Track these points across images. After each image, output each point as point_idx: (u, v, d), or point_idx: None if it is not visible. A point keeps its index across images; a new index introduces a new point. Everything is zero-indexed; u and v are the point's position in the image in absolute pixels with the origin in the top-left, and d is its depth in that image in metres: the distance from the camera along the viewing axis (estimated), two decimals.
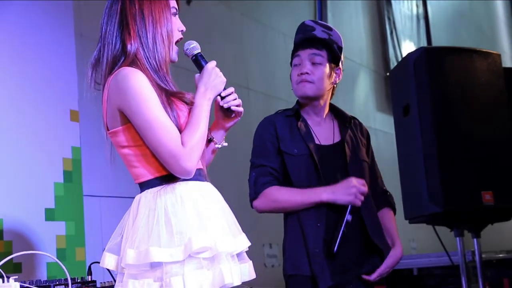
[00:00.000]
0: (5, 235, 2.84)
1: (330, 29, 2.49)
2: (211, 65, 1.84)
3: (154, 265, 1.67)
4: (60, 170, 3.15)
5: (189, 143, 1.70)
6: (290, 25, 5.82)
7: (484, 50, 2.69)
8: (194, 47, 1.88)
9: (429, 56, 2.57)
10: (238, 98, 1.90)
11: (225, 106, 1.87)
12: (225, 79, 1.85)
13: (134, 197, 1.80)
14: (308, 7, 6.29)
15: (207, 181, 1.84)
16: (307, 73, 2.40)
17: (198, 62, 1.87)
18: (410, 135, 2.63)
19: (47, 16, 3.23)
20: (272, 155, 2.38)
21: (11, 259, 1.99)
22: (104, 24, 1.85)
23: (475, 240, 2.74)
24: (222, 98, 1.87)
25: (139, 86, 1.70)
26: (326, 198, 2.28)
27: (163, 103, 1.73)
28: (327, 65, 2.44)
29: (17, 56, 3.07)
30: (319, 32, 2.46)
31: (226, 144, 1.94)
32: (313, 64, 2.42)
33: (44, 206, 3.04)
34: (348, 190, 2.26)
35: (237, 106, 1.88)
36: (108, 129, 1.80)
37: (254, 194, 2.38)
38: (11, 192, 2.91)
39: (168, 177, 1.74)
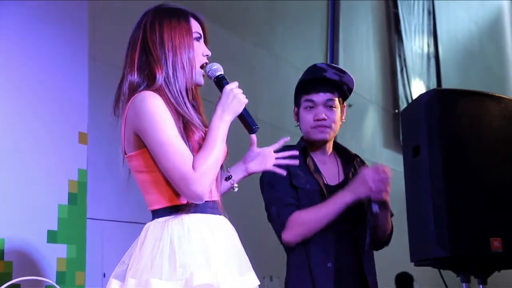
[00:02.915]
0: (6, 255, 2.82)
1: (343, 72, 2.50)
2: (230, 86, 1.81)
3: None
4: (65, 192, 3.13)
5: (201, 167, 1.67)
6: (302, 57, 5.86)
7: (497, 94, 2.67)
8: (215, 69, 1.86)
9: (441, 98, 2.55)
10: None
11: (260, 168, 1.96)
12: (245, 100, 1.81)
13: (137, 222, 1.80)
14: (320, 41, 6.33)
15: (221, 214, 1.81)
16: (324, 119, 2.41)
17: (220, 84, 1.84)
18: (419, 176, 2.60)
19: (62, 38, 3.26)
20: (287, 188, 2.37)
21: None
22: (126, 51, 1.85)
23: (481, 286, 2.69)
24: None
25: (154, 108, 1.70)
26: (351, 199, 2.27)
27: (180, 129, 1.71)
28: (339, 106, 2.47)
29: (30, 76, 3.09)
30: (330, 74, 2.46)
31: (236, 189, 1.91)
32: (327, 108, 2.43)
33: (47, 228, 3.02)
34: (365, 183, 2.26)
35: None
36: (125, 153, 1.79)
37: (281, 225, 2.32)
38: (15, 212, 2.89)
39: (179, 207, 1.72)
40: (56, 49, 3.22)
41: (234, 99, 1.79)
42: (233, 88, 1.81)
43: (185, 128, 1.73)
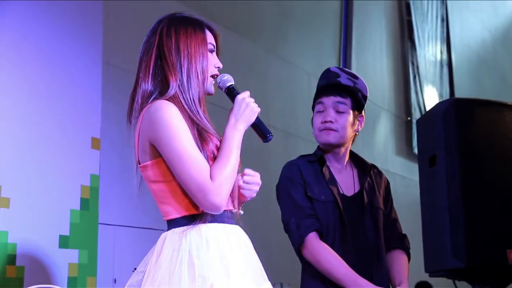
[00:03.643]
0: (18, 260, 2.81)
1: (356, 77, 2.47)
2: (242, 95, 1.81)
3: None
4: (77, 197, 3.13)
5: (218, 178, 1.66)
6: (314, 64, 5.84)
7: None
8: (226, 79, 1.86)
9: (458, 108, 2.52)
10: (258, 180, 1.87)
11: (241, 184, 1.84)
12: (258, 109, 1.81)
13: (148, 228, 1.78)
14: (333, 48, 6.31)
15: (237, 224, 1.80)
16: (331, 121, 2.38)
17: (231, 94, 1.84)
18: (435, 186, 2.57)
19: (77, 43, 3.26)
20: (305, 198, 2.35)
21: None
22: (140, 57, 1.84)
23: None
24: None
25: (171, 118, 1.68)
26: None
27: (195, 137, 1.70)
28: (351, 112, 2.42)
29: (45, 81, 3.09)
30: (344, 79, 2.43)
31: (241, 212, 1.87)
32: (337, 112, 2.40)
33: (59, 233, 3.02)
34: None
35: (250, 190, 1.85)
36: (139, 163, 1.77)
37: (300, 238, 2.29)
38: (27, 217, 2.89)
39: (196, 217, 1.70)
40: (70, 53, 3.23)
41: (247, 108, 1.79)
42: (245, 97, 1.80)
43: (200, 136, 1.72)
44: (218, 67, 1.87)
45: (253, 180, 1.85)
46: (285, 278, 4.70)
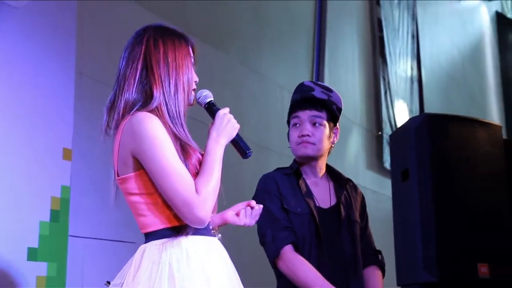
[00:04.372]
0: None
1: (330, 90, 2.50)
2: (223, 111, 1.83)
3: None
4: (47, 209, 3.07)
5: (203, 192, 1.66)
6: (288, 78, 5.86)
7: (485, 120, 2.70)
8: (206, 95, 1.87)
9: (431, 123, 2.58)
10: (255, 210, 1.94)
11: (247, 213, 1.92)
12: (238, 125, 1.83)
13: (119, 241, 1.76)
14: (306, 62, 6.35)
15: (215, 236, 1.80)
16: (308, 135, 2.41)
17: (211, 110, 1.86)
18: (407, 201, 2.61)
19: (49, 52, 3.21)
20: (281, 211, 2.35)
21: None
22: (123, 67, 1.80)
23: None
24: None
25: (154, 130, 1.67)
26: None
27: (178, 151, 1.69)
28: (327, 125, 2.47)
29: (15, 90, 3.03)
30: (318, 93, 2.47)
31: (220, 235, 1.88)
32: (313, 125, 2.44)
33: (28, 245, 2.95)
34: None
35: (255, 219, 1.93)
36: (118, 175, 1.74)
37: (276, 251, 2.31)
38: None
39: (177, 229, 1.69)
40: (43, 63, 3.18)
41: (229, 123, 1.81)
42: (226, 112, 1.83)
43: (183, 150, 1.72)
44: (195, 81, 1.87)
45: (258, 212, 1.93)
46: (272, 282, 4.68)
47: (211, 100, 1.87)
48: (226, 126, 1.79)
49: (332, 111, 2.48)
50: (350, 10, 7.32)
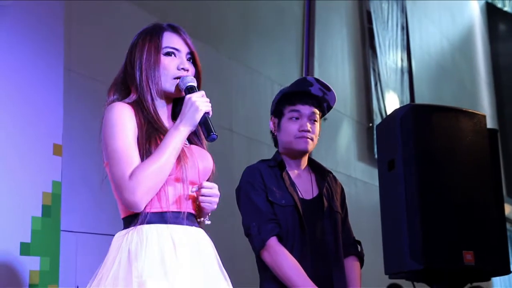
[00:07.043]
0: None
1: (328, 89, 2.55)
2: (190, 95, 1.81)
3: None
4: (39, 204, 3.09)
5: (137, 175, 1.68)
6: (277, 71, 5.89)
7: (470, 110, 2.73)
8: (185, 82, 1.87)
9: (416, 113, 2.60)
10: (216, 194, 1.85)
11: (199, 202, 1.82)
12: (205, 108, 1.79)
13: (111, 235, 1.80)
14: (296, 55, 6.38)
15: (194, 226, 1.80)
16: (309, 131, 2.46)
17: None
18: (393, 190, 2.64)
19: (37, 49, 3.23)
20: (266, 203, 2.39)
21: None
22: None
23: None
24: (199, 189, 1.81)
25: (116, 117, 1.75)
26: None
27: (143, 138, 1.74)
28: (319, 122, 2.52)
29: (3, 87, 3.05)
30: (315, 89, 2.52)
31: (209, 222, 1.88)
32: (311, 120, 2.49)
33: (20, 240, 2.98)
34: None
35: (209, 203, 1.83)
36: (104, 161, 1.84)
37: (261, 242, 2.34)
38: None
39: (136, 217, 1.72)
40: (31, 59, 3.19)
41: (191, 107, 1.78)
42: (191, 97, 1.80)
43: (149, 137, 1.76)
44: (182, 68, 1.88)
45: (211, 192, 1.83)
46: (248, 282, 4.72)
47: (190, 85, 1.85)
48: (188, 111, 1.78)
49: (322, 108, 2.57)
50: (339, 3, 7.35)
